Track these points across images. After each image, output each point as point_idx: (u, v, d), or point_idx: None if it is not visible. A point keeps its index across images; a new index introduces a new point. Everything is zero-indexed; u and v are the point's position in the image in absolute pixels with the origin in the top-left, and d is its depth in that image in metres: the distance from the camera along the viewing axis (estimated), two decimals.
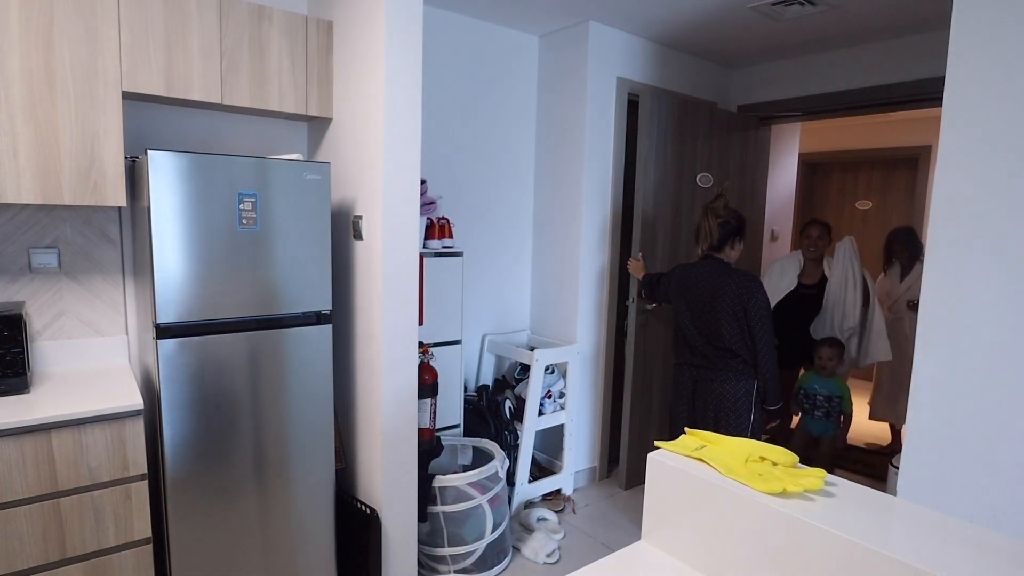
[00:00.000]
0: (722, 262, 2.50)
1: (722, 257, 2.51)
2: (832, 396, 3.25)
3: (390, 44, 2.00)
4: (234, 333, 1.90)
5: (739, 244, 2.54)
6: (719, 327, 2.43)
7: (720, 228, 2.48)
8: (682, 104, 3.28)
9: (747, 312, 2.38)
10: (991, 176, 1.60)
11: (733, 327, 2.41)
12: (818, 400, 3.29)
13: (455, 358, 2.91)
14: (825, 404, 3.27)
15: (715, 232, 2.48)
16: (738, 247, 2.55)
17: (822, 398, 3.27)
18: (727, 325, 2.41)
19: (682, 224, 3.38)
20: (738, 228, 2.51)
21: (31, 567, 1.63)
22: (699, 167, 3.44)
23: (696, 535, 1.07)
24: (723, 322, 2.42)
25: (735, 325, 2.41)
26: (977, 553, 0.83)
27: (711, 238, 2.49)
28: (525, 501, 3.07)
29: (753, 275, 2.47)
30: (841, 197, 5.70)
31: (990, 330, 1.61)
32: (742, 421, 2.44)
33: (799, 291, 3.48)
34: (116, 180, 1.85)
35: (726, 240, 2.50)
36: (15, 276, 2.00)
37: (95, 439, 1.69)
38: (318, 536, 2.13)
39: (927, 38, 3.05)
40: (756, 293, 2.38)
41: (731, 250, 2.52)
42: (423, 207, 2.71)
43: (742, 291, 2.38)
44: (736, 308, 2.39)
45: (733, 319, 2.40)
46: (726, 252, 2.51)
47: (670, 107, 3.22)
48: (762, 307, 2.38)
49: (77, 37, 1.76)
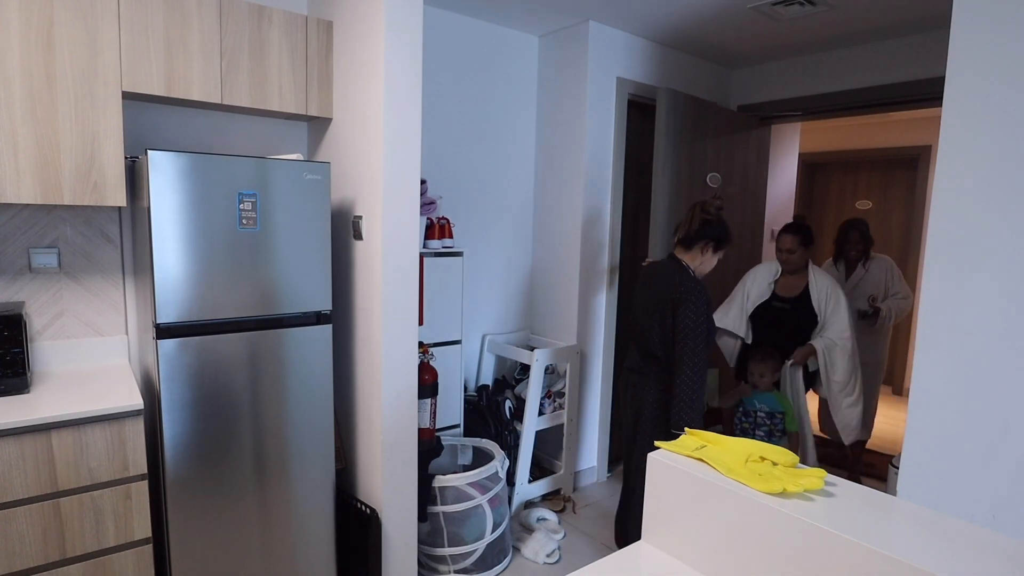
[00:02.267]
0: (680, 264, 2.31)
1: (684, 258, 2.32)
2: (774, 412, 2.88)
3: (390, 44, 2.00)
4: (234, 333, 1.90)
5: (710, 253, 2.32)
6: (650, 329, 2.30)
7: (701, 225, 2.28)
8: (695, 104, 3.30)
9: (675, 321, 2.20)
10: (991, 176, 1.60)
11: (659, 332, 2.27)
12: (759, 418, 2.91)
13: (455, 358, 2.91)
14: (767, 422, 2.90)
15: (694, 225, 2.29)
16: (709, 256, 2.32)
17: (763, 415, 2.90)
18: (656, 328, 2.27)
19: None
20: (718, 235, 2.30)
21: (31, 567, 1.63)
22: (708, 167, 3.44)
23: (696, 535, 1.07)
24: (654, 325, 2.28)
25: (661, 331, 2.26)
26: (977, 553, 0.83)
27: (688, 228, 2.30)
28: (525, 501, 3.07)
29: (698, 283, 2.23)
30: (841, 197, 5.70)
31: (990, 330, 1.61)
32: (658, 433, 2.26)
33: (771, 303, 3.03)
34: (116, 180, 1.85)
35: (698, 240, 2.29)
36: (15, 276, 1.99)
37: (95, 439, 1.69)
38: (318, 536, 2.13)
39: (927, 38, 3.05)
40: (689, 302, 2.18)
41: (700, 255, 2.31)
42: (423, 207, 2.71)
43: (677, 297, 2.20)
44: (666, 314, 2.24)
45: (661, 324, 2.25)
46: (694, 255, 2.31)
47: (685, 107, 3.23)
48: (691, 319, 2.17)
49: (77, 37, 1.76)
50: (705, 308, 2.20)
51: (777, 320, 3.01)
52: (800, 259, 2.96)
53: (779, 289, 3.04)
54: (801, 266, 2.98)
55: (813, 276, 2.95)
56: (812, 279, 2.94)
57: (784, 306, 3.00)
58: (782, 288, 3.03)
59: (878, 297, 3.40)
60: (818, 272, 2.96)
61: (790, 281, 3.02)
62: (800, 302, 2.96)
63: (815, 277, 2.94)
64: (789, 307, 2.98)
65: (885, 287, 3.41)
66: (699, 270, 2.33)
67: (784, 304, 3.00)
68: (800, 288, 2.98)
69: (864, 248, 3.48)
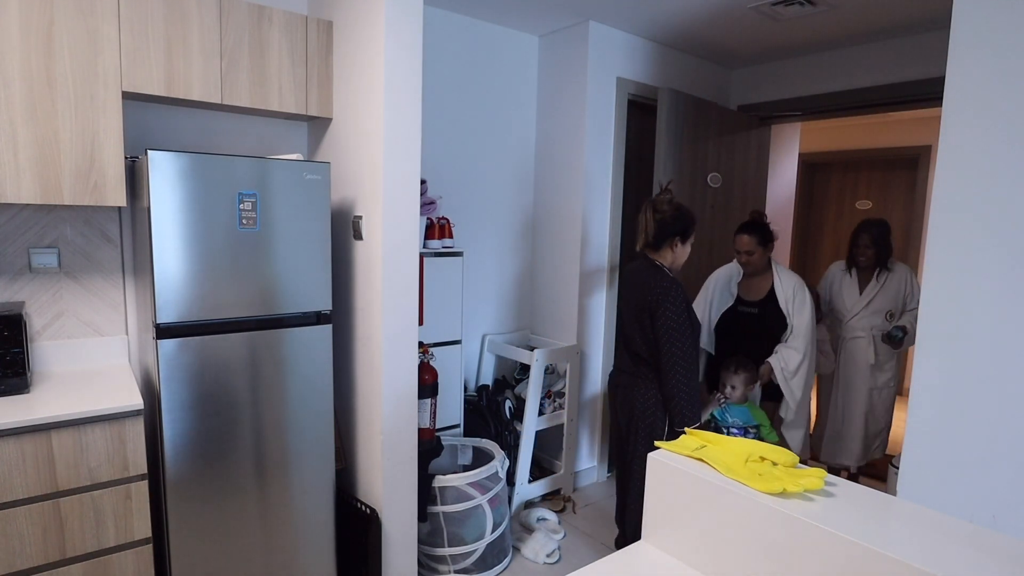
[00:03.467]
0: (653, 263, 2.27)
1: (656, 258, 2.28)
2: (748, 426, 2.73)
3: (390, 44, 2.00)
4: (234, 333, 1.90)
5: (681, 246, 2.28)
6: (633, 330, 2.28)
7: (656, 225, 2.25)
8: (696, 104, 3.30)
9: (653, 321, 2.18)
10: (991, 176, 1.60)
11: (640, 333, 2.24)
12: (732, 433, 2.73)
13: (455, 358, 2.91)
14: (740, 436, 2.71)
15: (651, 229, 2.26)
16: (680, 250, 2.28)
17: (737, 430, 2.75)
18: (638, 329, 2.25)
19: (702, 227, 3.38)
20: (680, 229, 2.25)
21: (31, 567, 1.63)
22: (709, 167, 3.44)
23: (696, 535, 1.07)
24: (636, 325, 2.26)
25: (642, 333, 2.24)
26: (977, 553, 0.83)
27: (646, 235, 2.27)
28: (525, 501, 3.07)
29: (672, 283, 2.19)
30: (841, 197, 5.70)
31: (990, 330, 1.61)
32: (656, 432, 2.24)
33: (737, 309, 2.86)
34: (116, 180, 1.85)
35: (663, 240, 2.25)
36: (15, 276, 1.99)
37: (95, 439, 1.69)
38: (318, 536, 2.13)
39: (927, 38, 3.05)
40: (665, 302, 2.15)
41: (671, 252, 2.27)
42: (423, 207, 2.71)
43: (651, 297, 2.17)
44: (643, 315, 2.21)
45: (641, 326, 2.23)
46: (664, 253, 2.27)
47: (686, 107, 3.23)
48: (670, 318, 2.14)
49: (77, 37, 1.76)
50: (684, 306, 2.17)
51: (746, 325, 2.82)
52: (760, 260, 2.76)
53: (743, 292, 2.85)
54: (763, 266, 2.79)
55: (778, 275, 2.75)
56: (777, 278, 2.75)
57: (751, 310, 2.81)
58: (746, 291, 2.84)
59: (895, 313, 3.03)
60: (783, 270, 2.78)
61: (754, 283, 2.82)
62: (767, 304, 2.77)
63: (780, 276, 2.75)
64: (757, 311, 2.79)
65: (903, 301, 3.02)
66: (675, 265, 2.29)
67: (751, 308, 2.81)
68: (766, 290, 2.77)
69: (877, 255, 3.03)
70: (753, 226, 2.76)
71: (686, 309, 2.18)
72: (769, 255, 2.78)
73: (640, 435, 2.28)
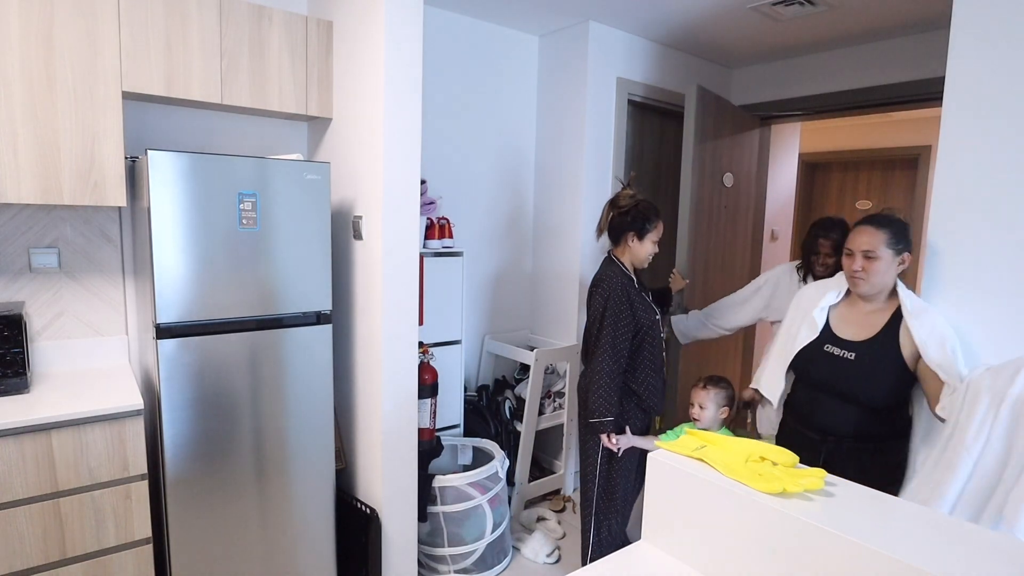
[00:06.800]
0: (609, 259, 2.21)
1: (616, 254, 2.20)
2: None
3: (390, 44, 2.00)
4: (234, 333, 1.90)
5: (637, 242, 2.15)
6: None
7: (612, 221, 2.19)
8: (717, 103, 3.29)
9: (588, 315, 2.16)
10: (991, 176, 1.60)
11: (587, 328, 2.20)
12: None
13: (455, 358, 2.91)
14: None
15: (604, 224, 2.21)
16: (637, 246, 2.16)
17: None
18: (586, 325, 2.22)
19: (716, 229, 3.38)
20: (636, 226, 2.14)
21: (31, 567, 1.63)
22: (723, 167, 3.43)
23: (696, 535, 1.07)
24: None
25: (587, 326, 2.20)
26: (977, 553, 0.83)
27: (601, 229, 2.23)
28: (525, 501, 3.07)
29: (612, 274, 2.13)
30: (841, 197, 5.70)
31: (990, 330, 1.61)
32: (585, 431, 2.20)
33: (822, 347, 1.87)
34: (116, 180, 1.85)
35: (618, 236, 2.19)
36: (15, 276, 1.99)
37: (95, 439, 1.69)
38: (318, 536, 2.13)
39: (927, 38, 3.05)
40: (596, 292, 2.13)
41: (627, 247, 2.17)
42: (423, 207, 2.71)
43: (590, 289, 2.17)
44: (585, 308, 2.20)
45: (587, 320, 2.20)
46: (622, 250, 2.19)
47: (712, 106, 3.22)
48: (597, 309, 2.09)
49: (77, 37, 1.76)
50: (611, 297, 2.07)
51: (830, 376, 1.80)
52: (885, 274, 1.71)
53: (838, 323, 1.84)
54: (884, 286, 1.74)
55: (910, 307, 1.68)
56: (908, 311, 1.68)
57: (847, 355, 1.77)
58: (845, 321, 1.83)
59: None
60: (914, 300, 1.70)
61: (862, 312, 1.80)
62: (874, 347, 1.74)
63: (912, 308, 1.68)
64: (854, 357, 1.76)
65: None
66: (636, 261, 2.20)
67: (847, 352, 1.78)
68: (879, 325, 1.75)
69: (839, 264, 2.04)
70: (883, 220, 1.73)
71: (622, 301, 2.08)
72: (898, 272, 1.73)
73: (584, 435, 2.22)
